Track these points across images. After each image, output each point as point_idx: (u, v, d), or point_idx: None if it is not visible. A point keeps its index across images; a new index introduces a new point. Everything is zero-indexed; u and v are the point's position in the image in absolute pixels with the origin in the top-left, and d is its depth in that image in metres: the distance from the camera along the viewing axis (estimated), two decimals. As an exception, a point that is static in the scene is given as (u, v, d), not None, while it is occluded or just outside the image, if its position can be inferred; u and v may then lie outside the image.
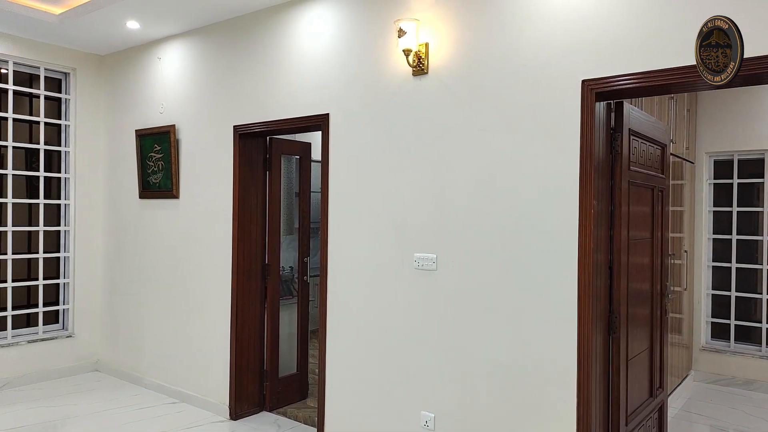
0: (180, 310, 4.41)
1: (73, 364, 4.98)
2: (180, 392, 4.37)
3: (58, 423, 3.94)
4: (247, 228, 4.06)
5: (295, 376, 4.35)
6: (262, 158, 4.16)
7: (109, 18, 4.12)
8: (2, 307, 4.63)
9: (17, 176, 4.71)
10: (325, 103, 3.50)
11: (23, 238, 4.81)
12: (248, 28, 3.95)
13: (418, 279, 3.07)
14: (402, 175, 3.14)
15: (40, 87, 4.81)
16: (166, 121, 4.50)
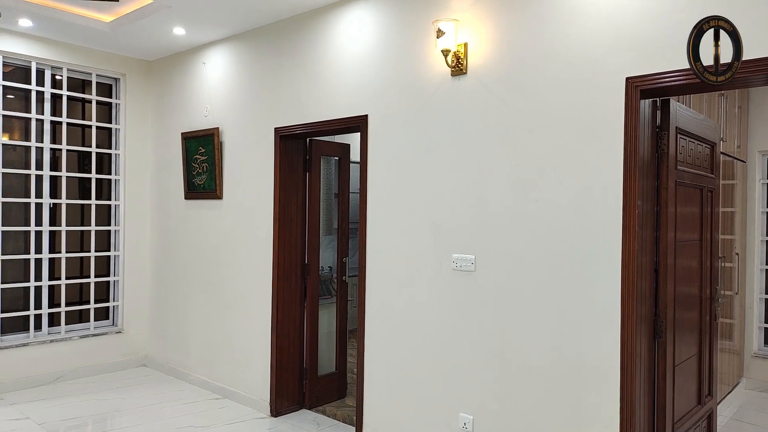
0: (223, 307, 4.53)
1: (122, 359, 5.17)
2: (223, 388, 4.48)
3: (108, 416, 4.10)
4: (288, 228, 4.13)
5: (334, 375, 4.40)
6: (302, 159, 4.22)
7: (156, 25, 4.26)
8: (56, 304, 4.85)
9: (71, 178, 4.93)
10: (364, 104, 3.53)
11: (76, 237, 5.03)
12: (289, 32, 4.02)
13: (456, 280, 3.06)
14: (440, 175, 3.14)
15: (92, 92, 5.02)
16: (210, 124, 4.63)
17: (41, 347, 4.67)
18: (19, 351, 4.55)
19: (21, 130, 4.70)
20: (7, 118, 4.57)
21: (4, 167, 4.50)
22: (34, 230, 4.66)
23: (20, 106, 4.67)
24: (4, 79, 4.50)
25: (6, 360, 4.47)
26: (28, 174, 4.63)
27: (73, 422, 3.92)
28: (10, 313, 4.57)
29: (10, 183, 4.59)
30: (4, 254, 4.51)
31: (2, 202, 4.48)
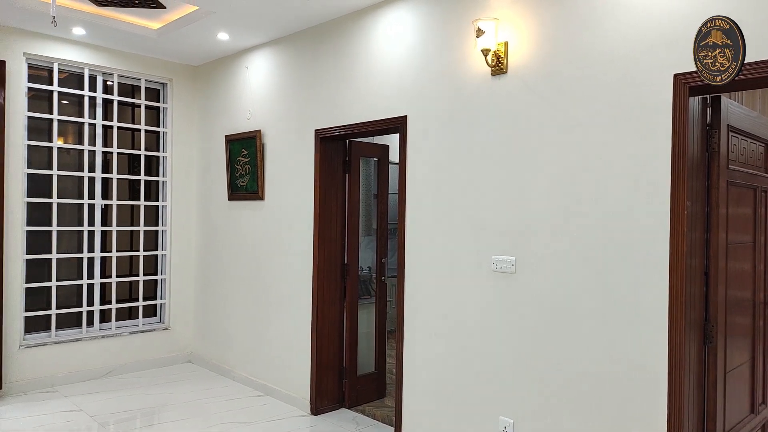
0: (264, 306, 4.61)
1: (169, 355, 5.34)
2: (265, 386, 4.57)
3: (155, 410, 4.24)
4: (328, 228, 4.18)
5: (373, 375, 4.42)
6: (341, 161, 4.26)
7: (201, 31, 4.39)
8: (107, 301, 5.05)
9: (121, 180, 5.12)
10: (403, 105, 3.53)
11: (126, 237, 5.22)
12: (329, 35, 4.06)
13: (496, 281, 3.03)
14: (480, 175, 3.11)
15: (141, 97, 5.21)
16: (253, 127, 4.73)
17: (93, 342, 4.87)
18: (73, 346, 4.75)
19: (75, 134, 4.92)
20: (62, 122, 4.79)
21: (59, 170, 4.71)
22: (86, 230, 4.86)
23: (74, 111, 4.88)
24: (59, 85, 4.71)
25: (60, 354, 4.68)
26: (81, 176, 4.84)
27: (123, 415, 4.07)
28: (64, 309, 4.78)
29: (65, 185, 4.81)
30: (59, 253, 4.73)
31: (57, 203, 4.70)
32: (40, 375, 4.55)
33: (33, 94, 4.62)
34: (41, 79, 4.66)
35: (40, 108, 4.66)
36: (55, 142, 4.68)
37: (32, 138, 4.58)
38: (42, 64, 4.63)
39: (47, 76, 4.69)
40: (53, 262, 4.67)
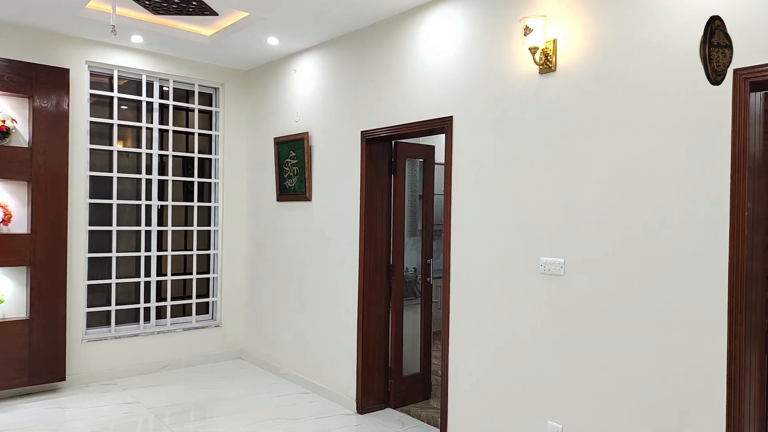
0: (312, 305, 4.69)
1: (220, 351, 5.50)
2: (312, 383, 4.64)
3: (208, 404, 4.38)
4: (373, 229, 4.20)
5: (419, 376, 4.41)
6: (387, 162, 4.28)
7: (252, 36, 4.50)
8: (163, 298, 5.25)
9: (176, 182, 5.32)
10: (449, 105, 3.52)
11: (180, 236, 5.42)
12: (374, 37, 4.09)
13: (544, 284, 2.97)
14: (527, 176, 3.06)
15: (194, 101, 5.40)
16: (301, 129, 4.81)
17: (150, 338, 5.07)
18: (131, 341, 4.97)
19: (133, 137, 5.14)
20: (122, 127, 5.02)
21: (119, 172, 4.94)
22: (144, 230, 5.08)
23: (132, 115, 5.10)
24: (118, 91, 4.94)
25: (119, 348, 4.90)
26: (139, 178, 5.06)
27: (177, 408, 4.23)
28: (123, 305, 5.01)
29: (124, 186, 5.03)
30: (119, 252, 4.95)
31: (117, 204, 4.93)
32: (100, 368, 4.78)
33: (94, 100, 4.86)
34: (102, 86, 4.89)
35: (101, 113, 4.89)
36: (115, 146, 4.91)
37: (94, 142, 4.81)
38: (103, 71, 4.87)
39: (108, 83, 4.92)
40: (113, 261, 4.90)
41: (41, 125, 4.33)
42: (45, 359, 4.35)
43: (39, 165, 4.32)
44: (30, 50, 4.39)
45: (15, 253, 4.23)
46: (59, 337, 4.43)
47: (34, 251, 4.30)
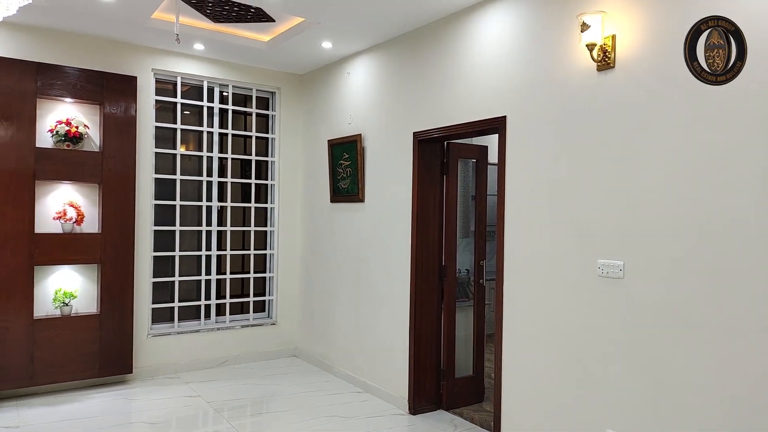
0: (365, 305, 4.74)
1: (276, 348, 5.64)
2: (364, 383, 4.69)
3: (264, 400, 4.50)
4: (425, 230, 4.20)
5: (471, 379, 4.37)
6: (439, 162, 4.27)
7: (307, 41, 4.60)
8: (222, 296, 5.44)
9: (234, 183, 5.50)
10: (502, 105, 3.47)
11: (239, 236, 5.60)
12: (426, 38, 4.09)
13: (602, 287, 2.88)
14: (584, 175, 2.98)
15: (252, 106, 5.57)
16: (353, 131, 4.87)
17: (209, 334, 5.27)
18: (192, 336, 5.18)
19: (195, 141, 5.36)
20: (185, 131, 5.24)
21: (182, 174, 5.16)
22: (204, 230, 5.28)
23: (194, 120, 5.32)
24: (181, 97, 5.16)
25: (182, 344, 5.11)
26: (200, 180, 5.27)
27: (235, 403, 4.37)
28: (185, 302, 5.22)
29: (187, 188, 5.25)
30: (182, 251, 5.17)
31: (180, 205, 5.15)
32: (164, 362, 5.01)
33: (159, 105, 5.10)
34: (166, 92, 5.13)
35: (165, 118, 5.13)
36: (178, 149, 5.13)
37: (159, 146, 5.05)
38: (167, 78, 5.10)
39: (171, 89, 5.15)
40: (176, 259, 5.12)
41: (111, 130, 4.59)
42: (114, 353, 4.59)
43: (109, 168, 4.57)
44: (100, 60, 4.65)
45: (87, 251, 4.49)
46: (127, 331, 4.67)
47: (104, 250, 4.55)
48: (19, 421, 3.86)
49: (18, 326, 4.20)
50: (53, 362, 4.33)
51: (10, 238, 4.17)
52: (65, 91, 4.41)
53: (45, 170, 4.31)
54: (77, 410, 4.10)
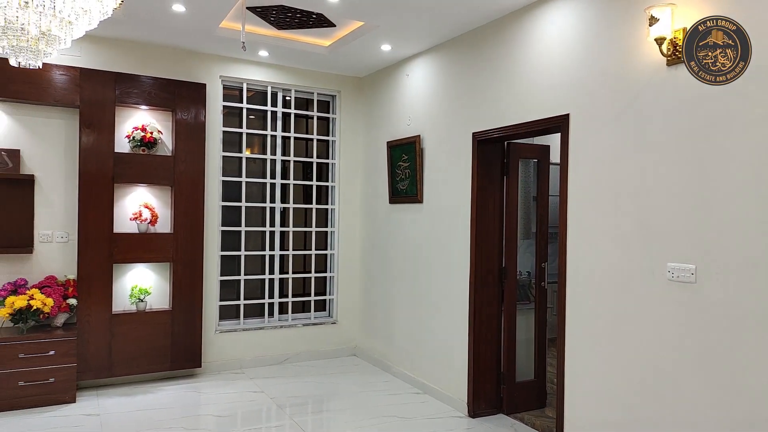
0: (423, 306, 4.74)
1: (336, 347, 5.74)
2: (423, 384, 4.69)
3: (324, 397, 4.59)
4: (485, 231, 4.16)
5: (533, 383, 4.28)
6: (499, 163, 4.21)
7: (367, 44, 4.66)
8: (285, 294, 5.59)
9: (296, 185, 5.65)
10: (565, 103, 3.39)
11: (300, 237, 5.74)
12: (485, 38, 4.05)
13: (672, 292, 2.76)
14: (652, 175, 2.86)
15: (313, 109, 5.70)
16: (412, 132, 4.89)
17: (273, 331, 5.43)
18: (256, 333, 5.35)
19: (259, 144, 5.54)
20: (250, 135, 5.43)
21: (247, 177, 5.35)
22: (268, 230, 5.45)
23: (259, 124, 5.50)
24: (247, 102, 5.35)
25: (247, 340, 5.30)
26: (264, 182, 5.44)
27: (297, 399, 4.48)
28: (250, 300, 5.41)
29: (252, 190, 5.44)
30: (247, 251, 5.36)
31: (246, 207, 5.34)
32: (230, 357, 5.21)
33: (226, 111, 5.31)
34: (233, 98, 5.33)
35: (232, 123, 5.33)
36: (244, 153, 5.33)
37: (226, 149, 5.25)
38: (233, 85, 5.31)
39: (238, 95, 5.35)
40: (242, 259, 5.31)
41: (182, 135, 4.82)
42: (184, 347, 4.82)
43: (180, 171, 4.80)
44: (172, 68, 4.90)
45: (160, 250, 4.74)
46: (196, 327, 4.89)
47: (176, 249, 4.79)
48: (99, 409, 4.12)
49: (99, 320, 4.49)
50: (129, 355, 4.60)
51: (92, 237, 4.47)
52: (141, 99, 4.67)
53: (122, 174, 4.59)
54: (151, 401, 4.33)
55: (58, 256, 4.52)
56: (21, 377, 4.01)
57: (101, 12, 2.39)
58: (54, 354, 4.12)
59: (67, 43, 2.41)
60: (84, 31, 2.42)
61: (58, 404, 4.13)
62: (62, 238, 4.54)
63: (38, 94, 4.31)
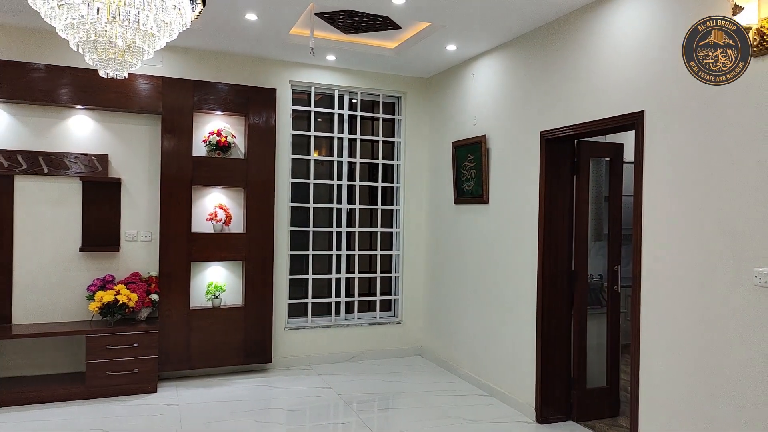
0: (490, 308, 4.68)
1: (401, 347, 5.77)
2: (489, 386, 4.63)
3: (390, 396, 4.63)
4: (553, 233, 4.05)
5: (605, 390, 4.13)
6: (568, 162, 4.09)
7: (432, 45, 4.67)
8: (351, 294, 5.69)
9: (362, 186, 5.73)
10: (639, 99, 3.25)
11: (366, 237, 5.82)
12: (553, 35, 3.95)
13: (759, 298, 2.58)
14: (735, 173, 2.69)
15: (379, 111, 5.76)
16: (478, 132, 4.84)
17: (339, 330, 5.54)
18: (324, 331, 5.48)
19: (326, 147, 5.67)
20: (318, 138, 5.57)
21: (315, 179, 5.49)
22: (335, 231, 5.57)
23: (326, 127, 5.63)
24: (315, 106, 5.49)
25: (315, 337, 5.43)
26: (331, 184, 5.56)
27: (363, 396, 4.55)
28: (317, 299, 5.54)
29: (319, 192, 5.57)
30: (314, 250, 5.50)
31: (314, 207, 5.48)
32: (298, 354, 5.36)
33: (295, 114, 5.47)
34: (301, 102, 5.49)
35: (300, 126, 5.49)
36: (312, 155, 5.47)
37: (295, 152, 5.41)
38: (302, 89, 5.46)
39: (306, 99, 5.50)
40: (310, 258, 5.45)
41: (254, 139, 5.02)
42: (256, 343, 5.01)
43: (252, 174, 5.00)
44: (245, 75, 5.11)
45: (234, 249, 4.95)
46: (267, 324, 5.07)
47: (248, 248, 4.99)
48: (178, 399, 4.36)
49: (178, 315, 4.75)
50: (205, 349, 4.83)
51: (172, 237, 4.73)
52: (216, 105, 4.91)
53: (200, 176, 4.83)
54: (226, 393, 4.53)
55: (142, 254, 4.83)
56: (109, 367, 4.31)
57: (181, 24, 2.54)
58: (138, 346, 4.39)
59: (150, 54, 2.58)
60: (165, 42, 2.58)
61: (141, 393, 4.40)
62: (146, 237, 4.83)
63: (125, 102, 4.62)
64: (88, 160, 4.61)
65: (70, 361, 4.58)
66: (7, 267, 4.43)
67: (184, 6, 2.48)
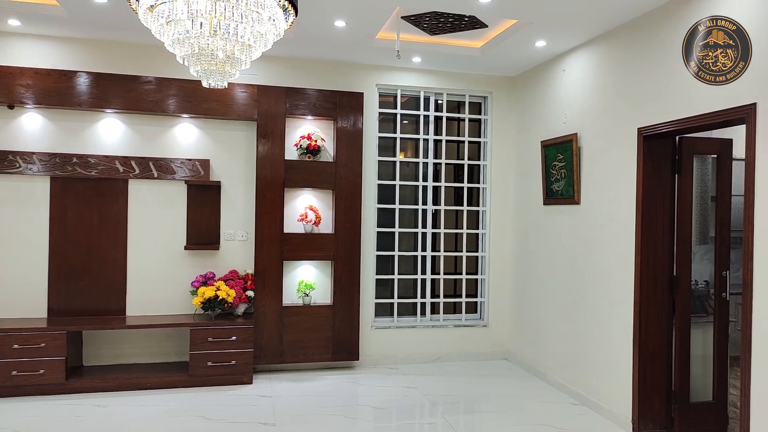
0: (580, 313, 4.50)
1: (486, 350, 5.68)
2: (580, 395, 4.45)
3: (475, 399, 4.58)
4: (652, 236, 3.83)
5: (710, 405, 3.84)
6: (669, 160, 3.85)
7: (520, 42, 4.57)
8: (436, 295, 5.68)
9: (448, 188, 5.71)
10: (750, 91, 2.99)
11: (452, 239, 5.79)
12: (651, 25, 3.72)
13: None
14: None
15: (464, 111, 5.72)
16: (569, 131, 4.67)
17: (425, 330, 5.55)
18: (409, 331, 5.52)
19: (412, 148, 5.71)
20: (403, 140, 5.63)
21: (401, 180, 5.54)
22: (420, 232, 5.59)
23: (412, 128, 5.67)
24: (401, 108, 5.55)
25: (400, 337, 5.49)
26: (416, 185, 5.59)
27: (449, 398, 4.53)
28: (403, 299, 5.59)
29: (405, 193, 5.62)
30: (400, 251, 5.55)
31: (399, 209, 5.54)
32: (384, 353, 5.43)
33: (382, 117, 5.55)
34: (387, 105, 5.57)
35: (386, 129, 5.57)
36: (398, 157, 5.53)
37: (381, 154, 5.50)
38: (388, 92, 5.54)
39: (392, 102, 5.57)
40: (395, 259, 5.52)
41: (342, 142, 5.16)
42: (344, 340, 5.14)
43: (341, 176, 5.14)
44: (333, 80, 5.27)
45: (323, 249, 5.12)
46: (354, 322, 5.19)
47: (336, 248, 5.14)
48: (271, 391, 4.58)
49: (271, 311, 4.99)
50: (297, 344, 5.03)
51: (267, 237, 4.98)
52: (307, 110, 5.10)
53: (291, 179, 5.04)
54: (315, 388, 4.69)
55: (239, 253, 5.11)
56: (209, 358, 4.61)
57: (275, 34, 2.67)
58: (235, 339, 4.66)
59: (247, 64, 2.73)
60: (261, 52, 2.72)
61: (238, 384, 4.66)
62: (242, 236, 5.12)
63: (224, 110, 4.92)
64: (192, 165, 4.95)
65: (175, 351, 4.95)
66: (122, 263, 4.86)
67: (278, 17, 2.60)
